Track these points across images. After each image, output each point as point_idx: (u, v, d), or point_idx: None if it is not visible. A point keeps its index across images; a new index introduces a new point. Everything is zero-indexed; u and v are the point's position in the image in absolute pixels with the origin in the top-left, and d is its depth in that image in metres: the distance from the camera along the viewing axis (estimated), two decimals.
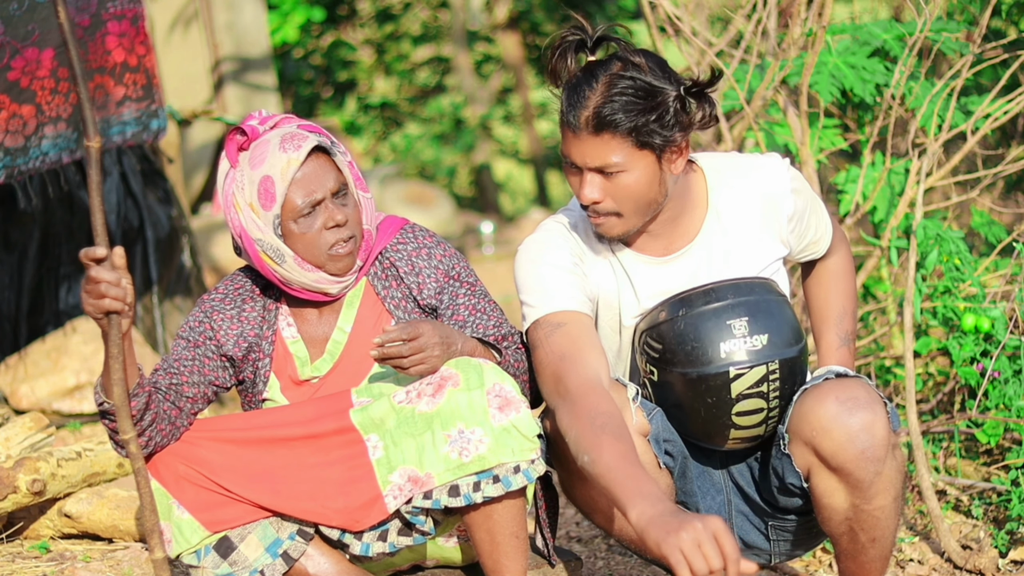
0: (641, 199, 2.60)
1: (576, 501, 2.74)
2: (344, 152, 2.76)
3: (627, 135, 2.53)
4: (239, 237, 2.74)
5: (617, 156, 2.54)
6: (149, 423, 2.58)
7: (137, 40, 4.64)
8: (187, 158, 7.77)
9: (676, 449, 2.69)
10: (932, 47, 3.91)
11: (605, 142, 2.54)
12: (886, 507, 2.58)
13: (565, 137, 2.59)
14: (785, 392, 2.62)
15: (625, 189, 2.58)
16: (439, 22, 14.74)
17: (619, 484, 2.32)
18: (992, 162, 4.45)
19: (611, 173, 2.57)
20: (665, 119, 2.53)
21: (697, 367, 2.60)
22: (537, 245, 2.73)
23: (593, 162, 2.57)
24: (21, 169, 4.23)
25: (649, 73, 2.54)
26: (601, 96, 2.52)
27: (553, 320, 2.63)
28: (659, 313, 2.66)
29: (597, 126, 2.53)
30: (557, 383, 2.57)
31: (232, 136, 2.73)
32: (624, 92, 2.52)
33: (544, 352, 2.62)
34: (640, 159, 2.56)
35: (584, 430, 2.43)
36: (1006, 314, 3.58)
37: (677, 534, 2.15)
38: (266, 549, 2.66)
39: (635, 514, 2.25)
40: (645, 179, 2.58)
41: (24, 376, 4.87)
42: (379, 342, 2.56)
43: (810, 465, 2.59)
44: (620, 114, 2.51)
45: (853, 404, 2.52)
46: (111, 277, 2.36)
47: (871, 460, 2.52)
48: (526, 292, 2.69)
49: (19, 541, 3.57)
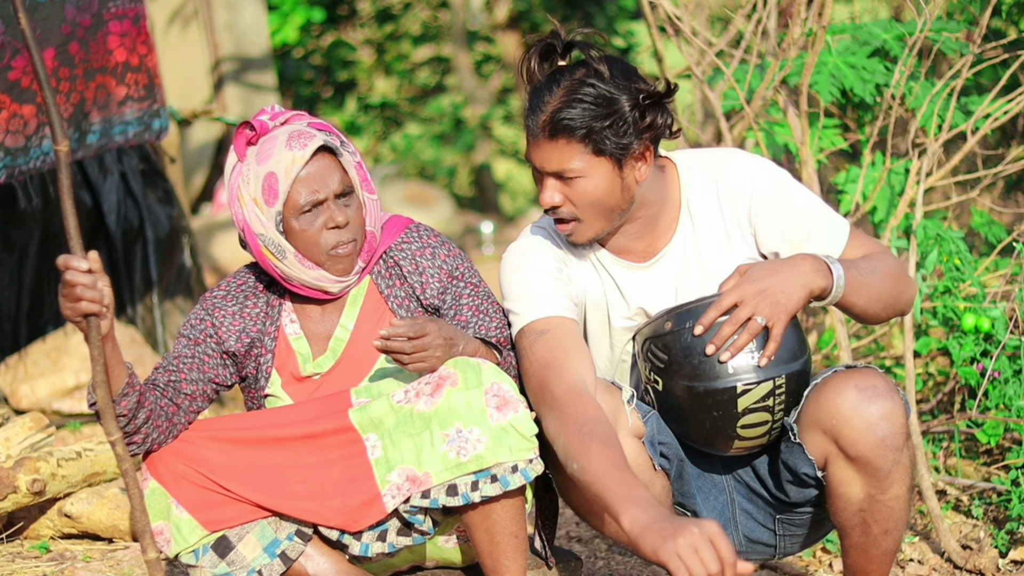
0: (600, 205, 2.62)
1: (573, 505, 2.74)
2: (353, 152, 2.76)
3: (582, 141, 2.56)
4: (242, 231, 2.75)
5: (575, 162, 2.58)
6: (144, 420, 2.58)
7: (139, 40, 4.64)
8: (187, 158, 7.78)
9: (672, 451, 2.69)
10: (932, 47, 3.91)
11: (561, 147, 2.57)
12: (901, 497, 2.58)
13: (527, 140, 2.63)
14: (790, 404, 2.62)
15: (584, 195, 2.60)
16: (439, 22, 14.73)
17: (610, 491, 2.32)
18: (992, 162, 4.46)
19: (569, 178, 2.60)
20: (619, 127, 2.56)
21: (704, 381, 2.59)
22: (520, 251, 2.75)
23: (550, 166, 2.60)
24: (22, 169, 4.23)
25: (610, 81, 2.56)
26: (559, 101, 2.56)
27: (537, 327, 2.64)
28: (664, 323, 2.65)
29: (552, 131, 2.57)
30: (543, 391, 2.57)
31: (242, 130, 2.73)
32: (583, 99, 2.55)
33: (528, 361, 2.63)
34: (597, 166, 2.58)
35: (572, 438, 2.44)
36: (1006, 314, 3.58)
37: (674, 540, 2.15)
38: (264, 549, 2.66)
39: (628, 520, 2.25)
40: (603, 186, 2.60)
41: (24, 376, 4.87)
42: (385, 335, 2.56)
43: (827, 454, 2.59)
44: (575, 120, 2.54)
45: (873, 392, 2.52)
46: (87, 280, 2.36)
47: (890, 448, 2.52)
48: (510, 300, 2.71)
49: (19, 541, 3.57)
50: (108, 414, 2.45)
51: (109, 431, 2.46)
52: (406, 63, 14.76)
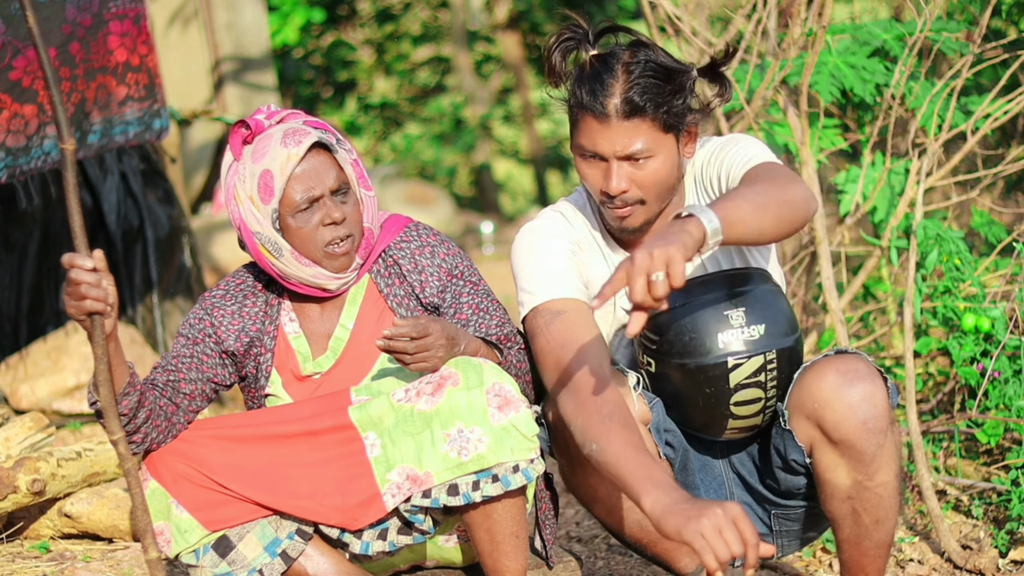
0: (664, 184, 2.63)
1: (576, 491, 2.74)
2: (350, 150, 2.76)
3: (655, 118, 2.55)
4: (239, 229, 2.75)
5: (646, 141, 2.57)
6: (144, 420, 2.59)
7: (139, 40, 4.64)
8: (187, 158, 7.78)
9: (676, 440, 2.70)
10: (932, 47, 3.91)
11: (635, 127, 2.56)
12: (888, 483, 2.58)
13: (588, 128, 2.58)
14: (782, 381, 2.63)
15: (653, 175, 2.60)
16: (439, 22, 14.74)
17: (630, 472, 2.32)
18: (992, 162, 4.45)
19: (639, 159, 2.58)
20: (686, 99, 2.58)
21: (695, 358, 2.60)
22: (536, 231, 2.74)
23: (624, 149, 2.58)
24: (23, 169, 4.23)
25: (662, 55, 2.58)
26: (624, 82, 2.54)
27: (553, 308, 2.64)
28: None
29: (628, 112, 2.54)
30: (560, 372, 2.57)
31: (237, 129, 2.74)
32: (645, 75, 2.54)
33: (544, 340, 2.62)
34: (665, 142, 2.59)
35: (591, 419, 2.44)
36: (1006, 314, 3.58)
37: (698, 520, 2.16)
38: (265, 548, 2.67)
39: (649, 502, 2.25)
40: (669, 162, 2.61)
41: (24, 376, 4.87)
42: (388, 335, 2.56)
43: (812, 440, 2.60)
44: (647, 97, 2.53)
45: (853, 376, 2.53)
46: (91, 279, 2.37)
47: (873, 431, 2.53)
48: (524, 278, 2.69)
49: (19, 541, 3.58)
50: (111, 413, 2.45)
51: (112, 430, 2.46)
52: (406, 63, 14.77)
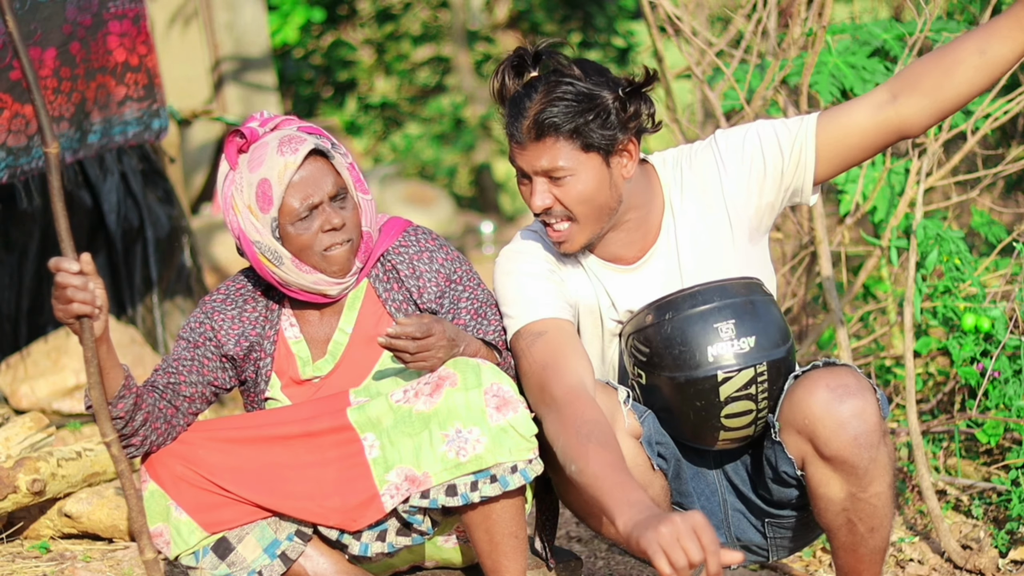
0: (591, 203, 2.63)
1: (571, 506, 2.74)
2: (345, 154, 2.76)
3: (569, 137, 2.58)
4: (238, 239, 2.75)
5: (563, 160, 2.59)
6: (142, 422, 2.59)
7: (138, 40, 4.64)
8: (187, 158, 7.77)
9: (669, 451, 2.70)
10: (932, 47, 3.91)
11: (549, 146, 2.59)
12: (882, 494, 2.58)
13: (512, 150, 2.64)
14: (774, 393, 2.63)
15: (575, 193, 2.62)
16: (439, 22, 14.73)
17: (606, 493, 2.32)
18: (992, 162, 4.46)
19: (559, 178, 2.61)
20: (606, 120, 2.58)
21: (685, 371, 2.60)
22: (512, 255, 2.77)
23: (539, 165, 2.61)
24: (24, 169, 4.23)
25: (585, 79, 2.60)
26: (540, 104, 2.59)
27: (534, 329, 2.65)
28: (645, 316, 2.67)
29: (538, 132, 2.59)
30: (542, 392, 2.58)
31: (232, 138, 2.73)
32: (563, 96, 2.58)
33: (527, 362, 2.64)
34: (587, 161, 2.60)
35: (571, 439, 2.44)
36: (1006, 314, 3.58)
37: (656, 530, 2.15)
38: (264, 550, 2.67)
39: (622, 522, 2.25)
40: (594, 182, 2.62)
41: (24, 376, 4.87)
42: (392, 333, 2.56)
43: (804, 455, 2.60)
44: (559, 117, 2.57)
45: (844, 392, 2.53)
46: (78, 282, 2.37)
47: (864, 446, 2.52)
48: (505, 303, 2.72)
49: (19, 541, 3.58)
50: (103, 415, 2.46)
51: (104, 432, 2.46)
52: (406, 63, 14.75)
